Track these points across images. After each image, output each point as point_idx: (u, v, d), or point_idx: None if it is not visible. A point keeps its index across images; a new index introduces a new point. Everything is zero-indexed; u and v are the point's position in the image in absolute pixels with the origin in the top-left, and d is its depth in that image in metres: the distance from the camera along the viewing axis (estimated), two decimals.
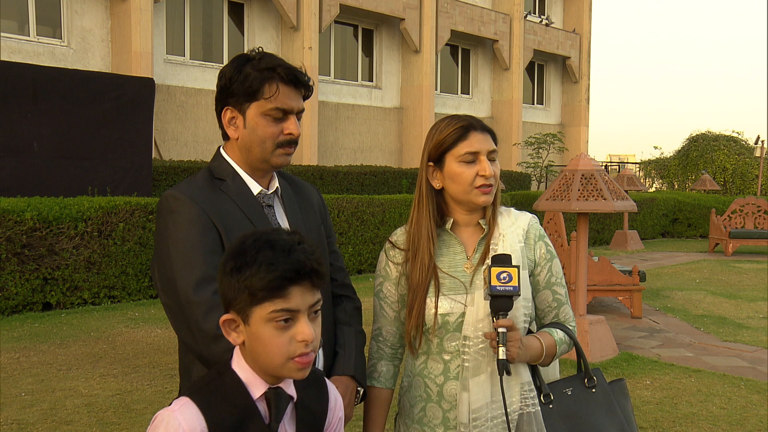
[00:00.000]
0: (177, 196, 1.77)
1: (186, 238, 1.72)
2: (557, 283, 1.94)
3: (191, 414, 1.34)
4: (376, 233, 10.31)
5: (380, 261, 1.97)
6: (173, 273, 1.71)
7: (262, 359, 1.36)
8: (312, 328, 1.35)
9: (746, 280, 10.40)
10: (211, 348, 1.65)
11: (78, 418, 4.22)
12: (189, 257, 1.70)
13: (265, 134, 1.80)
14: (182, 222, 1.73)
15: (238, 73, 1.78)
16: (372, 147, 18.08)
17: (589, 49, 24.10)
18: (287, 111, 1.80)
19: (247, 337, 1.37)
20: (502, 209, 1.94)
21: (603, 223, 15.31)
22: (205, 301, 1.66)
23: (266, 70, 1.77)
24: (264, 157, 1.82)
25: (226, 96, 1.81)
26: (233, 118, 1.82)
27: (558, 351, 1.90)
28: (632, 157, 41.51)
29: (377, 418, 1.93)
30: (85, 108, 9.13)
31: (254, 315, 1.33)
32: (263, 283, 1.30)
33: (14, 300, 7.02)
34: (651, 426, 4.28)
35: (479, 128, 1.85)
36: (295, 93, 1.82)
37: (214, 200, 1.79)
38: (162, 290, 1.76)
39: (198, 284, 1.68)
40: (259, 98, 1.78)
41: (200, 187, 1.81)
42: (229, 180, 1.84)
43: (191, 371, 1.79)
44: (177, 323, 1.73)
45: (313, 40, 15.58)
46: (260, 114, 1.78)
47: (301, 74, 1.82)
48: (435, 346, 1.86)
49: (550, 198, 5.83)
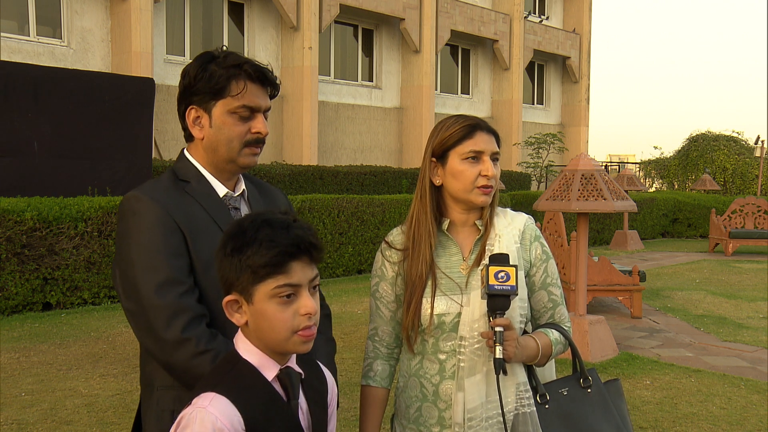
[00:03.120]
0: (140, 197, 1.70)
1: (149, 241, 1.66)
2: (553, 284, 1.95)
3: (225, 407, 1.35)
4: (376, 233, 10.31)
5: (376, 261, 1.97)
6: (135, 276, 1.65)
7: (267, 336, 1.40)
8: (314, 302, 1.40)
9: (746, 280, 10.40)
10: (174, 355, 1.60)
11: (78, 418, 4.22)
12: (152, 260, 1.64)
13: (231, 133, 1.75)
14: (145, 224, 1.67)
15: (202, 71, 1.73)
16: (372, 147, 18.08)
17: (589, 49, 24.11)
18: (254, 109, 1.76)
19: (251, 316, 1.40)
20: (498, 210, 1.95)
21: (603, 223, 15.31)
22: (169, 306, 1.61)
23: (232, 68, 1.72)
24: (231, 157, 1.77)
25: (191, 95, 1.76)
26: (198, 118, 1.77)
27: (553, 351, 1.91)
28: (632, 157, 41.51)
29: (373, 417, 1.93)
30: (85, 108, 9.13)
31: (257, 293, 1.37)
32: (265, 260, 1.35)
33: (14, 300, 7.02)
34: (651, 426, 4.28)
35: (485, 129, 1.87)
36: (262, 91, 1.77)
37: (179, 202, 1.73)
38: (123, 294, 1.69)
39: (161, 287, 1.62)
40: (225, 96, 1.73)
41: (165, 188, 1.75)
42: (194, 182, 1.79)
43: (154, 380, 1.72)
44: (139, 329, 1.67)
45: (313, 40, 15.58)
46: (227, 112, 1.74)
47: (268, 72, 1.78)
48: (431, 346, 1.86)
49: (550, 198, 5.83)
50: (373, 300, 1.97)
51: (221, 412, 1.34)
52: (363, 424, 1.93)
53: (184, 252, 1.68)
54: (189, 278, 1.67)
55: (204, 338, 1.61)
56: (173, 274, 1.64)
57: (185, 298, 1.64)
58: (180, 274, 1.65)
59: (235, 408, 1.36)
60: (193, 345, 1.60)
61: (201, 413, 1.34)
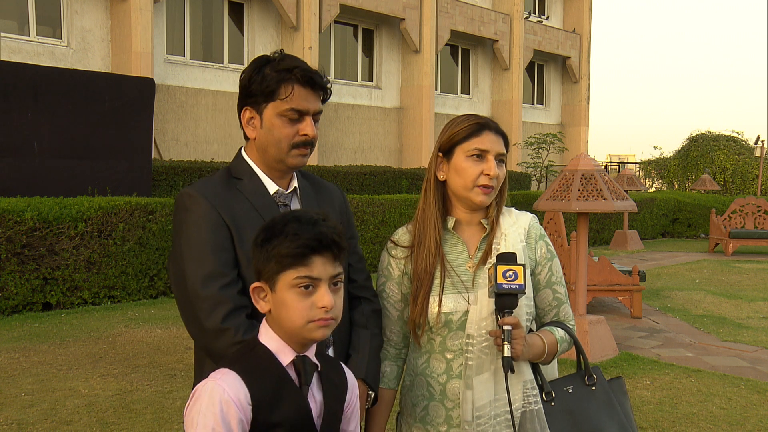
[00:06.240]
0: (191, 193, 1.81)
1: (197, 235, 1.77)
2: (557, 282, 1.96)
3: (234, 381, 1.45)
4: (376, 233, 10.31)
5: (382, 261, 1.98)
6: (184, 268, 1.76)
7: (285, 323, 1.50)
8: (332, 297, 1.49)
9: (746, 280, 10.40)
10: (215, 343, 1.71)
11: (78, 418, 4.22)
12: (199, 253, 1.75)
13: (280, 135, 1.83)
14: (194, 219, 1.78)
15: (257, 73, 1.82)
16: (372, 147, 18.07)
17: (589, 49, 24.10)
18: (303, 112, 1.82)
19: (273, 304, 1.51)
20: (504, 209, 1.96)
21: (603, 223, 15.31)
22: (212, 297, 1.71)
23: (283, 71, 1.80)
24: (279, 157, 1.85)
25: (246, 96, 1.85)
26: (251, 119, 1.86)
27: (559, 349, 1.92)
28: (632, 157, 41.49)
29: (380, 418, 1.94)
30: (85, 108, 9.12)
31: (280, 281, 1.48)
32: (288, 251, 1.46)
33: (14, 300, 7.02)
34: (651, 426, 4.28)
35: (494, 129, 1.88)
36: (312, 95, 1.84)
37: (228, 198, 1.82)
38: (174, 285, 1.81)
39: (206, 280, 1.72)
40: (275, 99, 1.81)
41: (215, 185, 1.85)
42: (246, 179, 1.87)
43: (204, 365, 1.82)
44: (186, 317, 1.78)
45: (313, 40, 15.58)
46: (276, 114, 1.81)
47: (318, 76, 1.84)
48: (438, 344, 1.87)
49: (550, 198, 5.83)
50: (379, 300, 1.97)
51: (229, 386, 1.44)
52: (369, 425, 1.94)
53: (230, 246, 1.77)
54: (233, 271, 1.76)
55: (242, 328, 1.70)
56: (218, 267, 1.74)
57: (227, 289, 1.73)
58: (224, 267, 1.75)
59: (244, 384, 1.45)
60: (231, 334, 1.69)
61: (211, 385, 1.45)
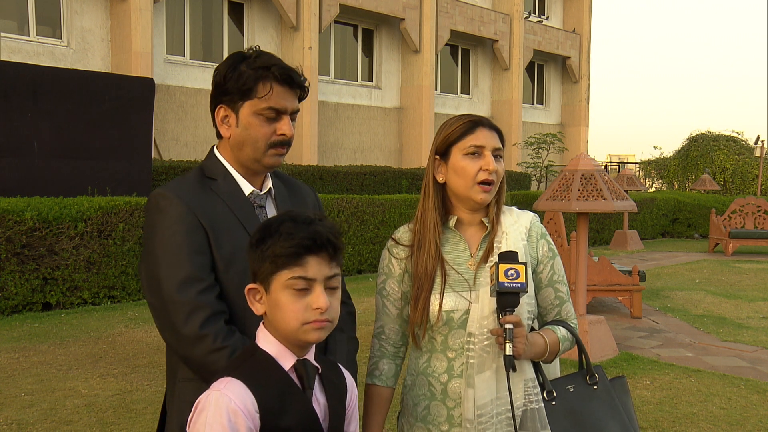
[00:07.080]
0: (165, 194, 1.74)
1: (172, 238, 1.69)
2: (559, 281, 1.96)
3: (239, 389, 1.41)
4: (376, 233, 10.31)
5: (383, 259, 1.97)
6: (158, 272, 1.68)
7: (280, 325, 1.46)
8: (327, 298, 1.45)
9: (746, 280, 10.40)
10: (192, 350, 1.64)
11: (78, 418, 4.22)
12: (174, 257, 1.68)
13: (257, 134, 1.77)
14: (169, 221, 1.71)
15: (233, 71, 1.76)
16: (372, 147, 18.07)
17: (589, 49, 24.10)
18: (280, 111, 1.77)
19: (268, 306, 1.48)
20: (504, 208, 1.96)
21: (603, 223, 15.31)
22: (189, 302, 1.65)
23: (261, 69, 1.74)
24: (256, 157, 1.79)
25: (220, 94, 1.79)
26: (226, 117, 1.79)
27: (561, 348, 1.92)
28: (632, 157, 41.50)
29: (377, 417, 1.93)
30: (85, 108, 9.12)
31: (274, 282, 1.45)
32: (282, 251, 1.43)
33: (14, 300, 7.02)
34: (651, 426, 4.28)
35: (487, 125, 1.90)
36: (290, 93, 1.79)
37: (203, 200, 1.76)
38: (147, 289, 1.73)
39: (182, 284, 1.66)
40: (252, 97, 1.75)
41: (190, 186, 1.78)
42: (220, 179, 1.81)
43: (177, 372, 1.77)
44: (160, 324, 1.71)
45: (312, 40, 15.58)
46: (253, 113, 1.76)
47: (296, 74, 1.79)
48: (439, 343, 1.86)
49: (550, 198, 5.83)
50: (379, 298, 1.96)
51: (236, 395, 1.40)
52: (366, 424, 1.93)
53: (206, 249, 1.71)
54: (210, 275, 1.70)
55: (221, 335, 1.65)
56: (194, 271, 1.67)
57: (205, 294, 1.67)
58: (201, 272, 1.69)
59: (250, 391, 1.41)
60: (210, 341, 1.63)
61: (216, 395, 1.40)
